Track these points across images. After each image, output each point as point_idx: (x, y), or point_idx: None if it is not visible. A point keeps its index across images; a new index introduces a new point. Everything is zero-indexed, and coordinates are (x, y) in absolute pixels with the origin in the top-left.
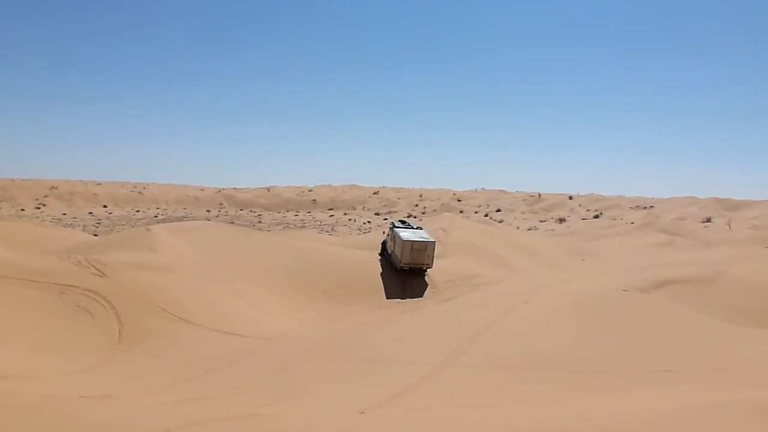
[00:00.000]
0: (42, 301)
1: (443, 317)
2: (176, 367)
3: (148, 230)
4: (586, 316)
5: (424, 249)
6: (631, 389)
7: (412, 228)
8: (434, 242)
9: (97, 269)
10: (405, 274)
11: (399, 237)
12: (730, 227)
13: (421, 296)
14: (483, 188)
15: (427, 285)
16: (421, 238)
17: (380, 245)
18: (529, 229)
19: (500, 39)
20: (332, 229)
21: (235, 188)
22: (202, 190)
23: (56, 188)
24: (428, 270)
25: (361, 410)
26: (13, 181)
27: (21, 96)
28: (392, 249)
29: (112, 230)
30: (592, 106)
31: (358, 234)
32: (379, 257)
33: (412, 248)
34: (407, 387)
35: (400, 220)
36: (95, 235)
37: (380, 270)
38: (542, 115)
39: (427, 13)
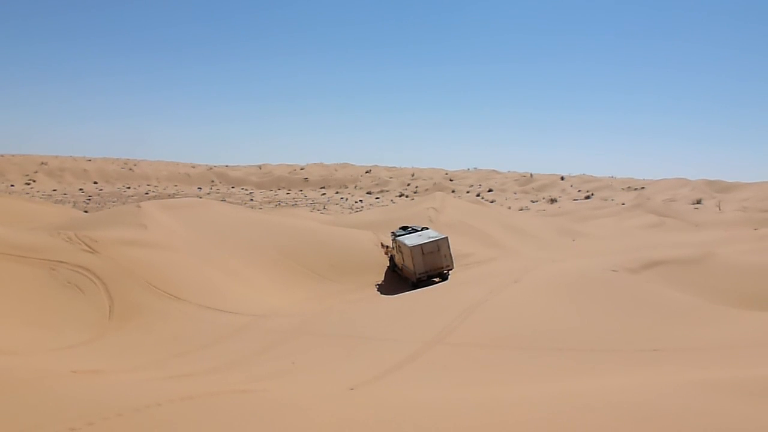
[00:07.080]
0: (32, 277)
1: (433, 296)
2: (166, 344)
3: (139, 207)
4: (575, 296)
5: (438, 249)
6: (619, 368)
7: (417, 230)
8: (446, 238)
9: (88, 245)
10: (422, 282)
11: (405, 246)
12: (720, 209)
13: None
14: (475, 168)
15: None
16: (429, 238)
17: (389, 260)
18: (521, 209)
19: (493, 19)
20: (324, 208)
21: (226, 166)
22: (193, 167)
23: (46, 164)
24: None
25: (351, 387)
26: (2, 156)
27: (10, 71)
28: (402, 263)
29: (102, 207)
30: (585, 87)
31: (350, 213)
32: (388, 268)
33: (422, 253)
34: (397, 364)
35: (401, 227)
36: (85, 212)
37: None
38: (535, 96)
39: None
